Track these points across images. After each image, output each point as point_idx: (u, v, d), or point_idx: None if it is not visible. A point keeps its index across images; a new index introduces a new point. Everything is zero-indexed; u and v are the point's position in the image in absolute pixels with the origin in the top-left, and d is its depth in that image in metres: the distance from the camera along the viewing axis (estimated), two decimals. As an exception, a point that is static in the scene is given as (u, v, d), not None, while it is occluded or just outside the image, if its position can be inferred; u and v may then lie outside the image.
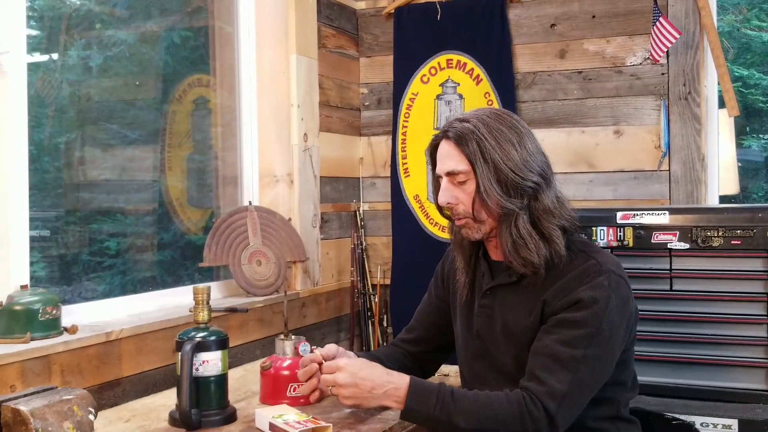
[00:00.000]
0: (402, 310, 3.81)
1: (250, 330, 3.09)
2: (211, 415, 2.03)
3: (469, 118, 1.97)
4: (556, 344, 1.85)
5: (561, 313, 1.87)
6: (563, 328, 1.86)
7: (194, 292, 2.09)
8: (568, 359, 1.82)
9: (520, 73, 3.74)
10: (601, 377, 1.88)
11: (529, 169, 1.92)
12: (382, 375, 1.90)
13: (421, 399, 1.85)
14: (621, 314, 1.88)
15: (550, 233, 1.92)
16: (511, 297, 1.99)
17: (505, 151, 1.91)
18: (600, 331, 1.84)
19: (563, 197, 2.00)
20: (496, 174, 1.91)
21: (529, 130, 2.00)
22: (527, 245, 1.91)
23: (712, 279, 2.75)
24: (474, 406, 1.84)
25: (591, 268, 1.90)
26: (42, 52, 2.84)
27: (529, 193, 1.93)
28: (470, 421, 1.81)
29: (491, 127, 1.94)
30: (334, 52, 3.87)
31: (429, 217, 3.87)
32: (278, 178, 3.51)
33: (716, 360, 2.72)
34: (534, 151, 1.96)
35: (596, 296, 1.85)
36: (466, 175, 1.94)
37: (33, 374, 2.18)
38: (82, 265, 2.92)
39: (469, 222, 1.97)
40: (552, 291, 1.90)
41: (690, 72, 3.41)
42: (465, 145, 1.93)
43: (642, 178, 3.52)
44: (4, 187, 2.41)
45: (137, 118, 3.24)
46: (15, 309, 2.26)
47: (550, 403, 1.80)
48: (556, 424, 1.80)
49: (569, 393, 1.81)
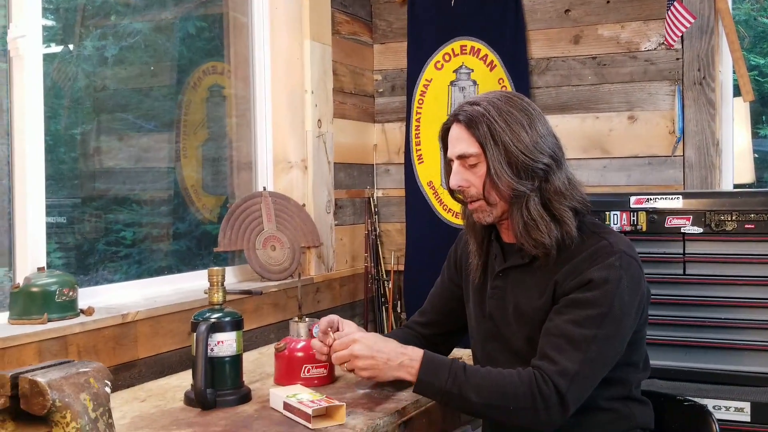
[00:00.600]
0: (416, 295, 3.82)
1: (264, 314, 3.11)
2: (226, 395, 2.04)
3: (480, 101, 1.98)
4: (568, 324, 1.85)
5: (572, 294, 1.88)
6: (575, 308, 1.86)
7: (209, 273, 2.11)
8: (579, 339, 1.83)
9: (534, 58, 3.73)
10: (612, 357, 1.89)
11: (540, 151, 1.93)
12: (396, 347, 1.93)
13: (434, 372, 1.87)
14: (632, 294, 1.89)
15: (561, 215, 1.92)
16: (523, 278, 2.00)
17: (515, 134, 1.92)
18: (611, 311, 1.84)
19: (575, 179, 2.00)
20: (507, 156, 1.91)
21: (539, 112, 2.00)
22: (538, 227, 1.91)
23: (725, 263, 2.75)
24: (486, 381, 1.85)
25: (602, 249, 1.90)
26: (58, 43, 2.87)
27: (539, 175, 1.93)
28: (481, 396, 1.83)
29: (501, 109, 1.94)
30: (348, 38, 3.87)
31: (443, 204, 3.87)
32: (292, 164, 3.52)
33: (729, 344, 2.72)
34: (544, 133, 1.96)
35: (607, 276, 1.85)
36: (476, 158, 1.95)
37: (50, 354, 2.21)
38: (98, 254, 2.95)
39: (482, 205, 1.98)
40: (563, 272, 1.91)
41: (705, 57, 3.39)
42: (475, 128, 1.94)
43: (656, 163, 3.51)
44: (21, 170, 2.44)
45: (152, 108, 3.27)
46: (32, 290, 2.29)
47: (561, 382, 1.81)
48: (567, 402, 1.81)
49: (580, 372, 1.82)
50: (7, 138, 2.47)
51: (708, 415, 2.14)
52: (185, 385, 2.16)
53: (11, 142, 2.46)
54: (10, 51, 2.44)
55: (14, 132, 2.45)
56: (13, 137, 2.46)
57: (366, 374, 1.93)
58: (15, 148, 2.45)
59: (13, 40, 2.43)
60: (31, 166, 2.44)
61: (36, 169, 2.46)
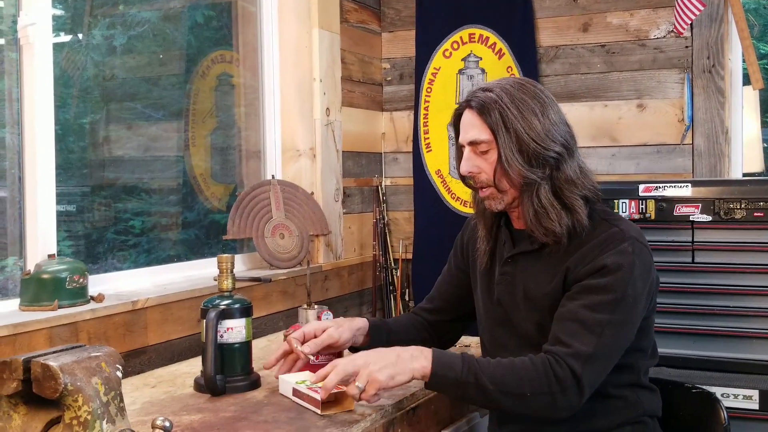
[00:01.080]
0: (424, 283, 3.83)
1: (273, 302, 3.12)
2: (236, 381, 2.06)
3: (492, 87, 1.97)
4: (582, 309, 1.85)
5: (585, 280, 1.88)
6: (588, 294, 1.86)
7: (219, 260, 2.12)
8: (593, 323, 1.83)
9: (542, 47, 3.72)
10: (624, 342, 1.89)
11: (552, 139, 1.92)
12: (400, 347, 1.86)
13: (447, 363, 1.82)
14: (644, 281, 1.89)
15: (572, 203, 1.92)
16: (533, 264, 2.00)
17: (527, 121, 1.92)
18: (625, 297, 1.85)
19: (586, 167, 2.00)
20: (518, 144, 1.91)
21: (552, 100, 2.00)
22: (549, 215, 1.91)
23: (734, 251, 2.74)
24: (500, 369, 1.83)
25: (614, 236, 1.90)
26: (67, 32, 2.87)
27: (551, 163, 1.93)
28: (497, 383, 1.80)
29: (514, 96, 1.94)
30: (357, 26, 3.87)
31: (451, 192, 3.88)
32: (301, 152, 3.53)
33: (738, 332, 2.72)
34: (557, 120, 1.96)
35: (621, 262, 1.86)
36: (488, 144, 1.94)
37: (61, 341, 2.22)
38: (107, 243, 2.96)
39: (492, 192, 1.98)
40: (575, 258, 1.91)
41: (714, 45, 3.38)
42: (487, 115, 1.93)
43: (665, 151, 3.50)
44: (32, 159, 2.45)
45: (161, 97, 3.27)
46: (43, 277, 2.30)
47: (576, 364, 1.80)
48: (582, 384, 1.80)
49: (594, 355, 1.82)
50: (18, 127, 2.48)
51: (716, 402, 2.14)
52: (195, 371, 2.18)
53: (21, 131, 2.47)
54: (21, 39, 2.45)
55: (24, 121, 2.47)
56: (24, 126, 2.47)
57: (384, 375, 1.78)
58: (25, 137, 2.47)
59: (23, 28, 2.44)
60: (41, 154, 2.45)
61: (46, 157, 2.47)
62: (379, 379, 1.78)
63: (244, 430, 1.74)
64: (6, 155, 2.50)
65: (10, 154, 2.50)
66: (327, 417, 1.82)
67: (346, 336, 2.08)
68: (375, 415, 1.83)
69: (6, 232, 2.51)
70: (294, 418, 1.82)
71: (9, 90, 2.50)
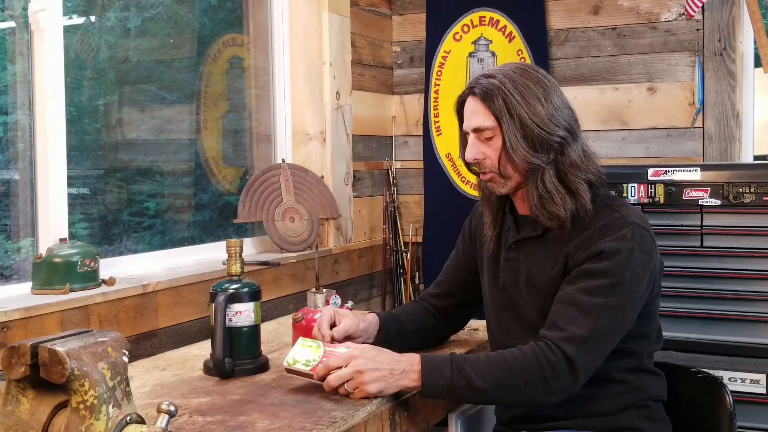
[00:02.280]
0: (434, 267, 3.84)
1: (283, 285, 3.15)
2: (245, 364, 2.08)
3: (495, 73, 1.97)
4: (578, 293, 1.86)
5: (584, 264, 1.89)
6: (586, 278, 1.87)
7: (227, 245, 2.14)
8: (589, 307, 1.84)
9: (553, 29, 3.71)
10: (622, 327, 1.90)
11: (555, 124, 1.92)
12: (394, 356, 1.86)
13: (436, 371, 1.82)
14: (644, 266, 1.89)
15: (576, 187, 1.93)
16: (537, 250, 2.01)
17: (531, 107, 1.92)
18: (622, 281, 1.85)
19: (590, 151, 2.00)
20: (522, 129, 1.91)
21: (555, 84, 1.99)
22: (553, 199, 1.92)
23: (742, 235, 2.75)
24: (489, 365, 1.84)
25: (615, 221, 1.91)
26: (80, 15, 2.89)
27: (555, 148, 1.93)
28: (489, 381, 1.81)
29: (517, 82, 1.94)
30: (367, 10, 3.87)
31: (461, 175, 3.88)
32: (311, 136, 3.54)
33: (746, 316, 2.73)
34: (560, 105, 1.96)
35: (619, 247, 1.86)
36: (492, 131, 1.95)
37: (72, 324, 2.25)
38: (122, 225, 2.99)
39: (495, 177, 1.99)
40: (575, 243, 1.92)
41: (725, 28, 3.36)
42: (491, 101, 1.93)
43: (675, 135, 3.49)
44: (43, 143, 2.48)
45: (174, 79, 3.29)
46: (54, 261, 2.33)
47: (568, 348, 1.81)
48: (576, 368, 1.82)
49: (589, 338, 1.83)
50: (29, 110, 2.50)
51: (722, 387, 2.14)
52: (205, 354, 2.20)
53: (33, 115, 2.50)
54: (31, 24, 2.47)
55: (36, 105, 2.49)
56: (35, 110, 2.49)
57: (375, 388, 1.80)
58: (37, 121, 2.49)
59: (34, 14, 2.46)
60: (52, 138, 2.48)
61: (57, 141, 2.49)
62: (369, 390, 1.80)
63: (252, 412, 1.76)
64: (20, 137, 2.52)
65: (24, 136, 2.52)
66: (333, 400, 1.83)
67: (363, 325, 2.11)
68: (381, 399, 1.85)
69: (20, 214, 2.54)
70: (301, 401, 1.84)
71: (23, 72, 2.52)
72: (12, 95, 2.53)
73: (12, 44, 2.53)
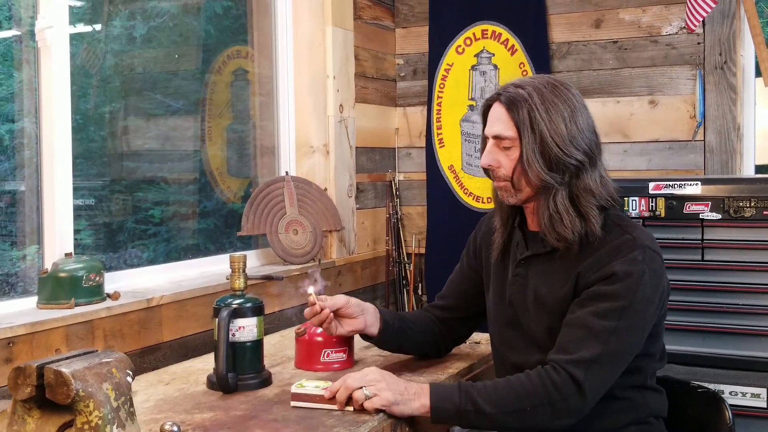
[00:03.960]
0: (437, 278, 3.86)
1: (286, 297, 3.16)
2: (247, 379, 2.09)
3: (525, 84, 1.96)
4: (589, 316, 1.86)
5: (594, 287, 1.88)
6: (596, 301, 1.87)
7: (231, 260, 2.16)
8: (599, 330, 1.83)
9: (555, 43, 3.74)
10: (632, 350, 1.90)
11: (575, 147, 1.91)
12: (406, 381, 1.89)
13: (445, 396, 1.84)
14: (654, 289, 1.89)
15: (587, 212, 1.92)
16: (545, 267, 2.00)
17: (554, 125, 1.90)
18: (633, 304, 1.85)
19: (607, 177, 1.99)
20: (541, 146, 1.90)
21: (583, 105, 1.98)
22: (563, 221, 1.91)
23: (743, 249, 2.76)
24: (497, 390, 1.84)
25: (626, 243, 1.91)
26: (86, 23, 2.91)
27: (571, 170, 1.92)
28: (496, 405, 1.82)
29: (545, 97, 1.93)
30: (370, 23, 3.90)
31: (463, 187, 3.90)
32: (314, 148, 3.56)
33: (747, 329, 2.74)
34: (584, 128, 1.94)
35: (630, 270, 1.86)
36: (511, 141, 1.94)
37: (77, 339, 2.27)
38: (127, 232, 3.01)
39: (507, 186, 1.98)
40: (586, 264, 1.91)
41: (726, 41, 3.38)
42: (515, 111, 1.93)
43: (677, 148, 3.51)
44: (49, 159, 2.50)
45: (179, 89, 3.32)
46: (60, 276, 2.35)
47: (576, 371, 1.81)
48: (585, 390, 1.81)
49: (598, 362, 1.83)
50: (36, 119, 2.52)
51: (721, 401, 2.15)
52: (208, 368, 2.22)
53: (39, 132, 2.52)
54: (38, 42, 2.49)
55: (42, 122, 2.51)
56: (41, 126, 2.51)
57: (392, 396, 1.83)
58: (43, 139, 2.51)
59: (41, 31, 2.48)
60: (58, 154, 2.50)
61: (63, 156, 2.51)
62: (387, 397, 1.82)
63: (255, 428, 1.77)
64: (26, 144, 2.55)
65: (30, 144, 2.54)
66: (336, 416, 1.85)
67: (355, 302, 2.14)
68: (383, 414, 1.86)
69: (26, 221, 2.56)
70: (303, 417, 1.85)
71: (30, 80, 2.54)
72: (18, 103, 2.56)
73: (19, 52, 2.56)
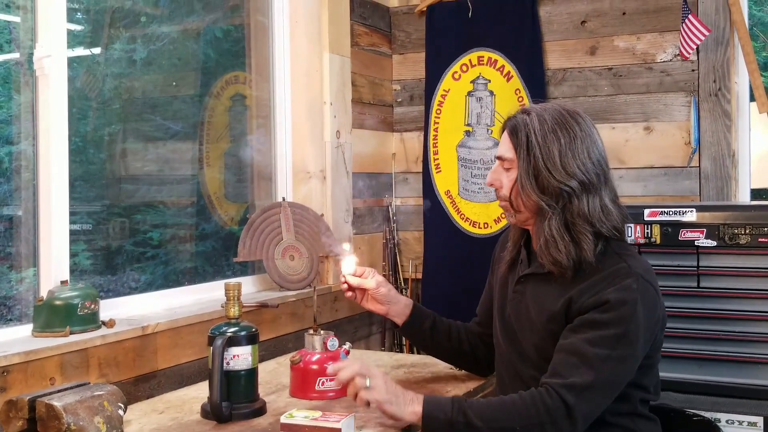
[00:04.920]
0: (433, 303, 3.82)
1: (282, 324, 3.16)
2: (242, 408, 2.10)
3: (531, 110, 2.06)
4: (582, 343, 1.88)
5: (588, 313, 1.91)
6: (590, 329, 1.89)
7: (225, 288, 2.17)
8: (592, 358, 1.86)
9: (550, 69, 3.76)
10: (623, 378, 1.91)
11: (569, 174, 1.96)
12: (402, 388, 1.94)
13: (438, 406, 1.88)
14: (647, 319, 1.91)
15: (580, 239, 1.95)
16: (541, 287, 2.05)
17: (548, 150, 1.97)
18: (626, 333, 1.87)
19: (610, 207, 2.00)
20: (535, 170, 1.98)
21: (588, 134, 2.01)
22: (557, 245, 1.96)
23: (739, 276, 2.76)
24: (489, 407, 1.88)
25: (620, 271, 1.93)
26: (87, 47, 2.93)
27: (564, 197, 1.96)
28: (487, 421, 1.85)
29: (545, 123, 2.00)
30: (367, 49, 3.92)
31: (460, 213, 3.91)
32: (311, 174, 3.57)
33: (743, 357, 2.74)
34: (583, 156, 1.98)
35: (624, 298, 1.88)
36: (510, 163, 2.05)
37: (72, 367, 2.27)
38: (125, 255, 3.02)
39: (507, 206, 2.09)
40: (579, 289, 1.94)
41: (720, 68, 3.40)
42: (515, 135, 2.03)
43: (672, 174, 3.52)
44: (46, 186, 2.51)
45: (178, 112, 3.33)
46: (55, 304, 2.35)
47: (568, 396, 1.83)
48: (575, 416, 1.83)
49: (590, 388, 1.85)
50: (33, 149, 2.53)
51: (717, 430, 2.16)
52: (203, 396, 2.22)
53: (37, 158, 2.52)
54: (36, 70, 2.51)
55: (39, 149, 2.52)
56: (39, 154, 2.52)
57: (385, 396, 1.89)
58: (40, 164, 2.52)
59: (39, 60, 2.50)
60: (55, 180, 2.50)
61: (60, 183, 2.52)
62: (382, 394, 1.89)
63: (248, 459, 1.78)
64: (24, 167, 2.55)
65: (29, 166, 2.54)
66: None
67: (382, 297, 2.32)
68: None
69: (24, 243, 2.56)
70: (297, 447, 1.85)
71: (29, 104, 2.54)
72: (18, 125, 2.57)
73: (19, 75, 2.57)
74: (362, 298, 2.34)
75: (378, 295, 2.31)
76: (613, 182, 2.05)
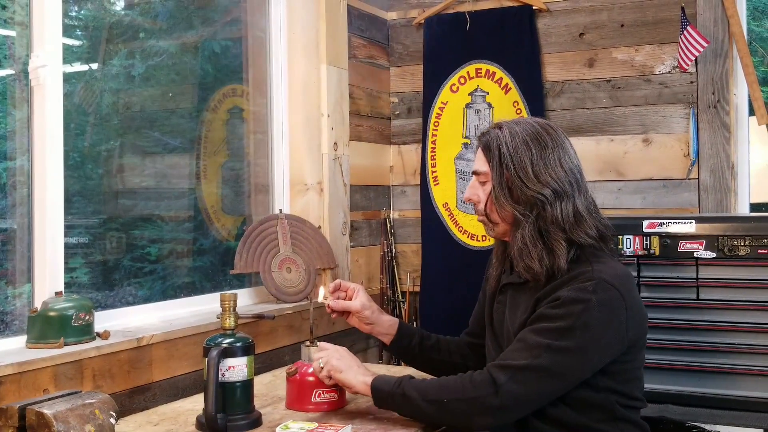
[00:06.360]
0: (431, 316, 3.84)
1: (279, 336, 3.14)
2: (237, 420, 2.07)
3: (503, 124, 2.11)
4: (527, 332, 1.96)
5: (539, 309, 1.97)
6: (538, 321, 1.96)
7: (221, 299, 2.15)
8: (532, 344, 1.92)
9: (548, 81, 3.75)
10: (569, 371, 1.93)
11: (542, 182, 2.01)
12: (358, 361, 2.16)
13: (385, 381, 2.04)
14: (603, 321, 1.92)
15: (554, 246, 2.00)
16: (517, 296, 2.11)
17: (520, 161, 2.02)
18: (571, 328, 1.90)
19: (585, 215, 2.04)
20: (508, 181, 2.03)
21: (558, 144, 2.07)
22: (530, 253, 2.00)
23: (738, 288, 2.75)
24: (427, 383, 2.01)
25: (582, 274, 1.97)
26: (84, 62, 2.93)
27: (537, 205, 2.01)
28: (420, 393, 1.97)
29: (516, 135, 2.05)
30: (365, 62, 3.92)
31: (458, 225, 3.89)
32: (308, 186, 3.56)
33: (743, 369, 2.72)
34: (554, 164, 2.03)
35: (576, 297, 1.92)
36: (485, 176, 2.10)
37: (66, 379, 2.25)
38: (123, 270, 3.00)
39: (485, 220, 2.14)
40: (544, 291, 2.00)
41: (719, 80, 3.40)
42: (488, 150, 2.08)
43: (671, 186, 3.51)
44: (41, 196, 2.49)
45: (176, 127, 3.33)
46: (49, 315, 2.33)
47: (499, 374, 1.91)
48: (501, 393, 1.89)
49: (523, 370, 1.90)
50: (29, 163, 2.52)
51: (716, 442, 2.14)
52: (198, 408, 2.19)
53: (32, 170, 2.51)
54: (32, 80, 2.50)
55: (35, 161, 2.50)
56: (34, 166, 2.50)
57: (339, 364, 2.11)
58: (35, 177, 2.50)
59: (35, 69, 2.49)
60: (50, 193, 2.49)
61: (55, 195, 2.50)
62: (333, 364, 2.12)
63: (243, 471, 1.75)
64: (20, 182, 2.54)
65: (26, 182, 2.53)
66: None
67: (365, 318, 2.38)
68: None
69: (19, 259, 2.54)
70: (292, 459, 1.83)
71: (26, 119, 2.53)
72: (16, 141, 2.55)
73: (16, 90, 2.56)
74: (348, 316, 2.41)
75: (361, 317, 2.38)
76: (590, 193, 2.10)
